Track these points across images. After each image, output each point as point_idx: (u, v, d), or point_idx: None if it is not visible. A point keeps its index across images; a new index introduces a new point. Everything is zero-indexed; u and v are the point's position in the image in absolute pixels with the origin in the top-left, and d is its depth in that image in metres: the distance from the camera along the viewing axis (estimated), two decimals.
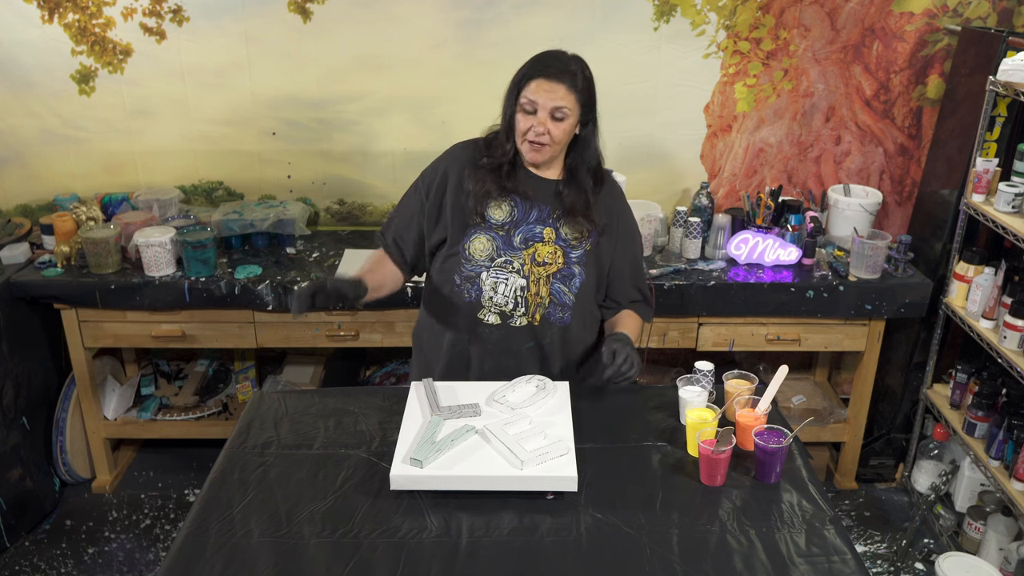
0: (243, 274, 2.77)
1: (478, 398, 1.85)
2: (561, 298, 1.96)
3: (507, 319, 1.94)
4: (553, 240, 1.94)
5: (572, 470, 1.61)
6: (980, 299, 2.62)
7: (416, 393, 1.87)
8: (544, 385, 1.86)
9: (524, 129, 1.87)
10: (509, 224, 1.94)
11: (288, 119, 3.10)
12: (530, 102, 1.84)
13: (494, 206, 1.94)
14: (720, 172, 3.19)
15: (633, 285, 2.08)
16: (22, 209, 3.22)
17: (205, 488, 1.68)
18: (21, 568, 2.71)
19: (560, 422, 1.76)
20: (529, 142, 1.88)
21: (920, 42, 2.97)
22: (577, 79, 1.86)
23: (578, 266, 1.96)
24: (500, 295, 1.93)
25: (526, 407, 1.80)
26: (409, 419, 1.79)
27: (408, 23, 2.95)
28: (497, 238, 1.93)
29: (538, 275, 1.93)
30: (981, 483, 2.80)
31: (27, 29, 2.94)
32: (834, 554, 1.49)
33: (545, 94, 1.83)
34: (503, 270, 1.93)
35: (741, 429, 1.75)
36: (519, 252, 1.93)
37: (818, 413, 3.11)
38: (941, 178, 2.91)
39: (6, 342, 2.75)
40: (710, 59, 3.01)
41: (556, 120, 1.85)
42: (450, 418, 1.77)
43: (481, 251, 1.93)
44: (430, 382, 1.89)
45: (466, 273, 1.94)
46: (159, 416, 3.11)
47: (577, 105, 1.87)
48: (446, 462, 1.65)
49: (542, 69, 1.85)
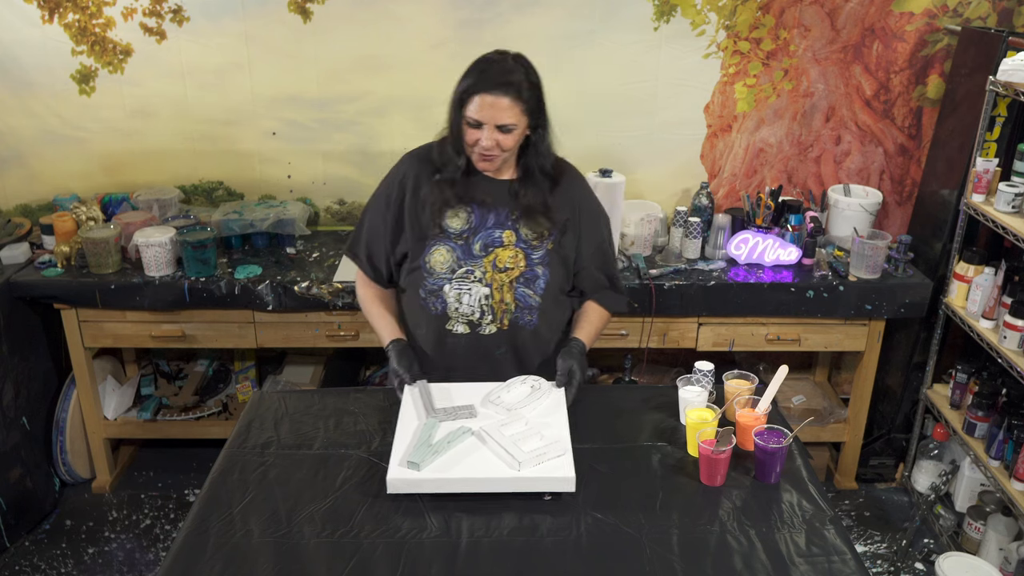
0: (243, 274, 2.77)
1: (473, 399, 1.83)
2: (527, 301, 1.94)
3: (476, 327, 1.94)
4: (513, 243, 1.92)
5: (570, 471, 1.61)
6: (980, 299, 2.62)
7: (411, 395, 1.86)
8: (539, 385, 1.85)
9: (471, 142, 1.84)
10: (468, 232, 1.91)
11: (288, 119, 3.10)
12: (474, 119, 1.80)
13: (451, 215, 1.91)
14: (720, 172, 3.19)
15: (601, 271, 2.05)
16: (22, 209, 3.22)
17: (205, 488, 1.68)
18: (21, 568, 2.71)
19: (556, 423, 1.75)
20: (478, 153, 1.85)
21: (920, 42, 2.97)
22: (521, 88, 1.80)
23: (541, 267, 1.93)
24: (465, 305, 1.92)
25: (521, 408, 1.79)
26: (404, 421, 1.77)
27: (408, 23, 2.95)
28: (456, 248, 1.91)
29: (500, 282, 1.91)
30: (981, 483, 2.80)
31: (27, 29, 2.94)
32: (834, 554, 1.49)
33: (488, 110, 1.78)
34: (465, 281, 1.91)
35: (741, 429, 1.75)
36: (479, 260, 1.91)
37: (818, 413, 3.11)
38: (941, 178, 2.91)
39: (6, 342, 2.75)
40: (710, 59, 3.01)
41: (504, 132, 1.81)
42: (446, 420, 1.76)
43: (441, 263, 1.91)
44: (424, 384, 1.87)
45: (429, 287, 1.93)
46: (159, 416, 3.11)
47: (523, 115, 1.82)
48: (443, 465, 1.64)
49: (483, 83, 1.79)
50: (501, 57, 1.83)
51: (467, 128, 1.83)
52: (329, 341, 2.87)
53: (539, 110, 1.87)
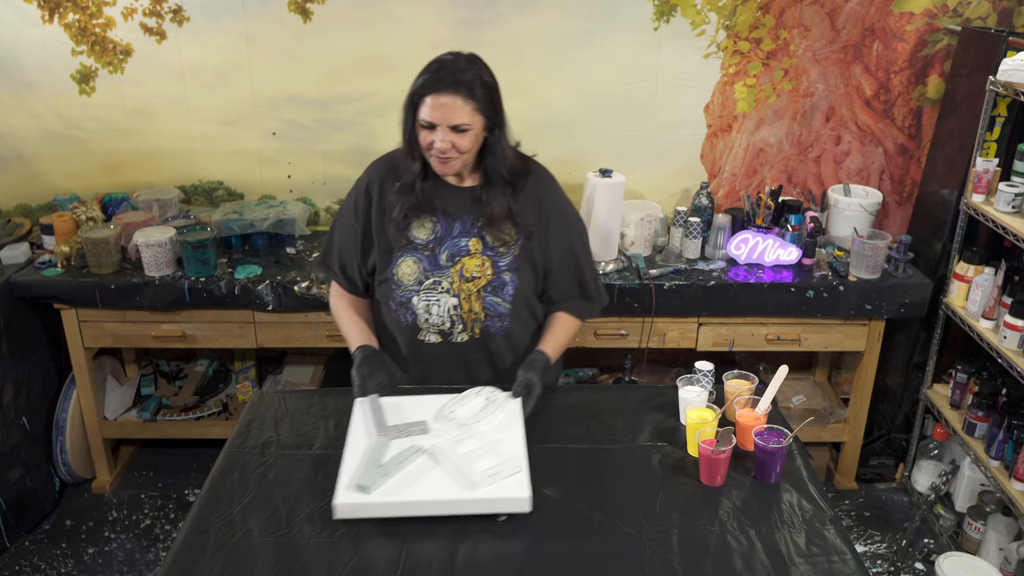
0: (243, 274, 2.77)
1: (426, 414, 1.77)
2: (496, 309, 1.92)
3: (448, 336, 1.94)
4: (480, 251, 1.89)
5: (525, 490, 1.54)
6: (980, 299, 2.62)
7: (360, 411, 1.78)
8: (494, 397, 1.79)
9: (426, 145, 1.79)
10: (434, 242, 1.89)
11: (288, 119, 3.10)
12: (427, 121, 1.76)
13: (416, 225, 1.89)
14: (720, 172, 3.19)
15: (573, 278, 2.00)
16: (22, 209, 3.22)
17: (205, 488, 1.68)
18: (21, 568, 2.71)
19: (512, 438, 1.69)
20: (435, 156, 1.80)
21: (920, 42, 2.97)
22: (474, 88, 1.75)
23: (508, 273, 1.90)
24: (435, 316, 1.91)
25: (476, 422, 1.73)
26: (353, 440, 1.70)
27: (408, 23, 2.95)
28: (423, 259, 1.89)
29: (468, 291, 1.90)
30: (981, 483, 2.80)
31: (27, 29, 2.94)
32: (834, 554, 1.49)
33: (441, 110, 1.74)
34: (433, 292, 1.90)
35: (741, 429, 1.75)
36: (446, 270, 1.89)
37: (818, 413, 3.11)
38: (941, 178, 2.91)
39: (6, 342, 2.75)
40: (710, 59, 3.01)
41: (459, 132, 1.76)
42: (397, 437, 1.69)
43: (409, 275, 1.90)
44: (375, 398, 1.81)
45: (399, 299, 1.92)
46: (159, 416, 3.11)
47: (478, 114, 1.77)
48: (394, 487, 1.57)
49: (435, 83, 1.75)
50: (454, 57, 1.79)
51: (421, 131, 1.78)
52: (329, 341, 2.87)
53: (494, 110, 1.81)
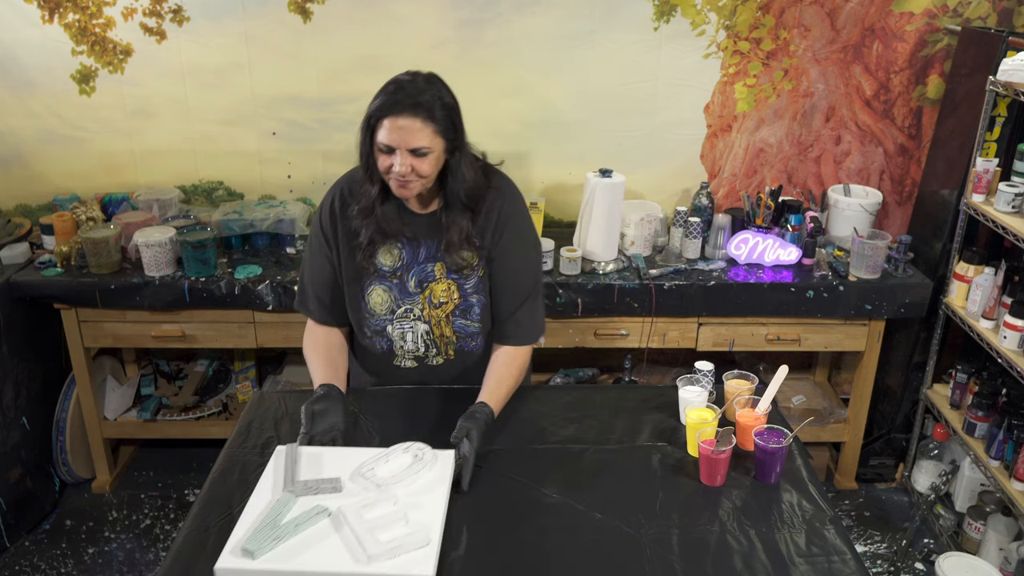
0: (243, 274, 2.77)
1: (344, 470, 1.60)
2: (467, 331, 1.92)
3: (423, 360, 1.94)
4: (445, 275, 1.87)
5: (428, 567, 1.39)
6: (980, 299, 2.62)
7: (275, 461, 1.65)
8: (423, 455, 1.63)
9: (385, 169, 1.72)
10: (401, 268, 1.86)
11: (288, 119, 3.10)
12: (386, 145, 1.68)
13: (382, 253, 1.86)
14: (720, 172, 3.19)
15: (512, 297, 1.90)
16: (22, 209, 3.22)
17: (205, 488, 1.68)
18: (21, 568, 2.71)
19: (431, 504, 1.53)
20: (394, 180, 1.73)
21: (920, 42, 2.97)
22: (434, 109, 1.68)
23: (475, 295, 1.89)
24: (410, 343, 1.91)
25: (396, 483, 1.57)
26: (260, 493, 1.57)
27: (408, 23, 2.95)
28: (393, 287, 1.87)
29: (437, 317, 1.89)
30: (981, 483, 2.80)
31: (27, 29, 2.94)
32: (834, 554, 1.49)
33: (399, 133, 1.66)
34: (406, 319, 1.89)
35: (741, 429, 1.75)
36: (416, 297, 1.87)
37: (818, 413, 3.11)
38: (941, 178, 2.91)
39: (6, 342, 2.75)
40: (710, 59, 3.01)
41: (419, 156, 1.69)
42: (305, 494, 1.55)
43: (380, 304, 1.88)
44: (294, 447, 1.66)
45: (373, 327, 1.92)
46: (159, 416, 3.11)
47: (438, 137, 1.69)
48: (284, 553, 1.42)
49: (392, 105, 1.67)
50: (412, 78, 1.72)
51: (379, 154, 1.71)
52: None
53: (455, 132, 1.74)
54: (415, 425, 1.85)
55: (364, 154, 1.75)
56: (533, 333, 1.94)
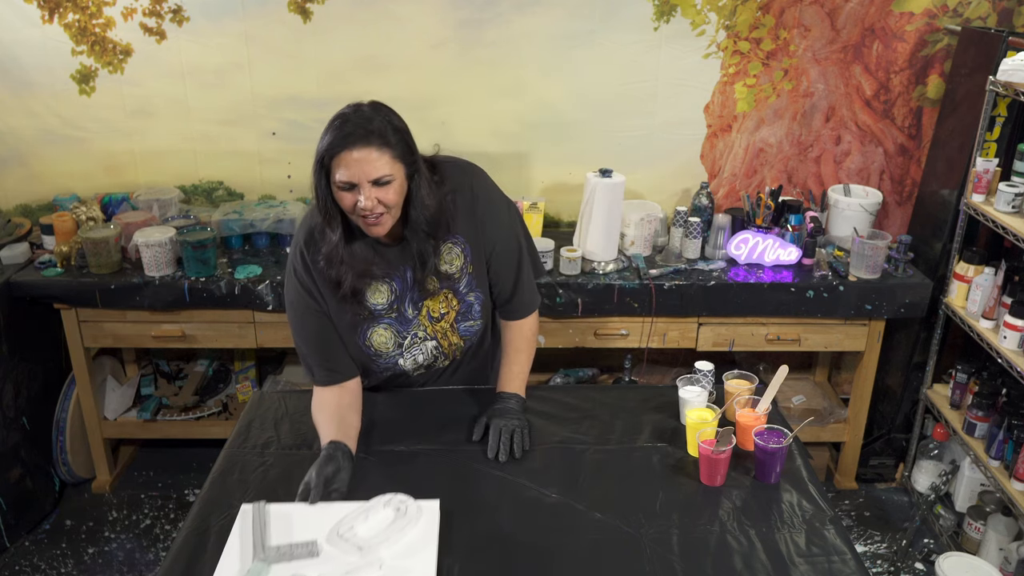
0: (243, 274, 2.77)
1: (319, 531, 1.46)
2: (472, 331, 1.90)
3: (432, 366, 1.94)
4: (439, 287, 1.81)
5: None
6: (980, 299, 2.62)
7: (241, 522, 1.50)
8: (405, 509, 1.49)
9: (350, 207, 1.61)
10: (395, 302, 1.80)
11: (288, 119, 3.10)
12: (345, 181, 1.58)
13: (371, 293, 1.78)
14: (720, 172, 3.19)
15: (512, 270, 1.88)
16: (22, 209, 3.22)
17: (205, 488, 1.68)
18: (21, 568, 2.71)
19: (420, 567, 1.39)
20: (362, 218, 1.63)
21: (920, 42, 2.97)
22: (387, 135, 1.59)
23: (471, 294, 1.85)
24: (422, 360, 1.89)
25: (379, 543, 1.44)
26: (228, 559, 1.42)
27: (408, 23, 2.95)
28: (392, 323, 1.82)
29: (443, 330, 1.86)
30: (981, 483, 2.80)
31: (27, 29, 2.94)
32: (834, 554, 1.49)
33: (357, 166, 1.57)
34: (414, 346, 1.86)
35: (741, 429, 1.75)
36: (415, 321, 1.83)
37: (818, 413, 3.11)
38: (941, 178, 2.91)
39: (6, 342, 2.75)
40: (710, 59, 3.01)
41: (382, 186, 1.60)
42: (279, 561, 1.41)
43: (384, 343, 1.83)
44: (262, 506, 1.52)
45: (383, 365, 1.87)
46: (159, 416, 3.11)
47: (397, 162, 1.61)
48: None
49: (343, 140, 1.57)
50: (355, 108, 1.62)
51: (341, 194, 1.60)
52: None
53: (412, 155, 1.66)
54: (419, 425, 1.85)
55: (321, 197, 1.64)
56: (534, 299, 1.96)
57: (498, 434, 1.76)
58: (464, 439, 1.81)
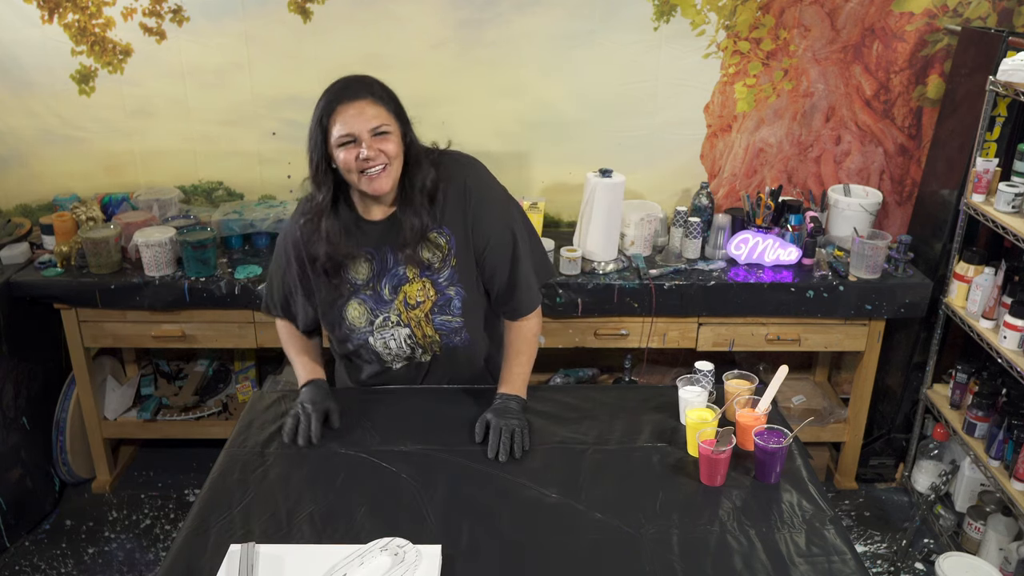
0: (243, 274, 2.77)
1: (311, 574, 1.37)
2: (448, 327, 1.89)
3: (411, 359, 1.94)
4: (418, 275, 1.84)
5: None
6: (980, 299, 2.62)
7: (228, 565, 1.41)
8: (403, 555, 1.40)
9: (352, 162, 1.68)
10: (373, 279, 1.84)
11: (288, 119, 3.10)
12: (345, 134, 1.67)
13: (352, 268, 1.84)
14: (720, 172, 3.20)
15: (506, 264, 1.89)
16: (22, 209, 3.22)
17: (205, 488, 1.68)
18: (21, 568, 2.71)
19: None
20: (365, 173, 1.69)
21: (920, 42, 2.97)
22: (375, 89, 1.71)
23: (452, 287, 1.85)
24: (395, 348, 1.91)
25: None
26: None
27: (408, 23, 2.95)
28: (367, 299, 1.85)
29: (416, 318, 1.87)
30: (981, 483, 2.80)
31: (27, 29, 2.94)
32: (834, 554, 1.49)
33: (358, 118, 1.67)
34: (385, 328, 1.88)
35: (741, 429, 1.75)
36: (391, 304, 1.85)
37: (818, 413, 3.11)
38: (941, 178, 2.91)
39: (6, 342, 2.75)
40: (710, 59, 3.01)
41: (381, 135, 1.69)
42: None
43: (358, 318, 1.87)
44: (251, 547, 1.43)
45: (356, 341, 1.91)
46: (159, 416, 3.11)
47: (391, 116, 1.71)
48: None
49: (340, 96, 1.68)
50: (346, 77, 1.75)
51: (341, 151, 1.68)
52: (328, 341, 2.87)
53: (403, 116, 1.76)
54: (415, 425, 1.85)
55: (315, 160, 1.72)
56: (533, 298, 1.94)
57: (498, 434, 1.76)
58: (464, 439, 1.81)
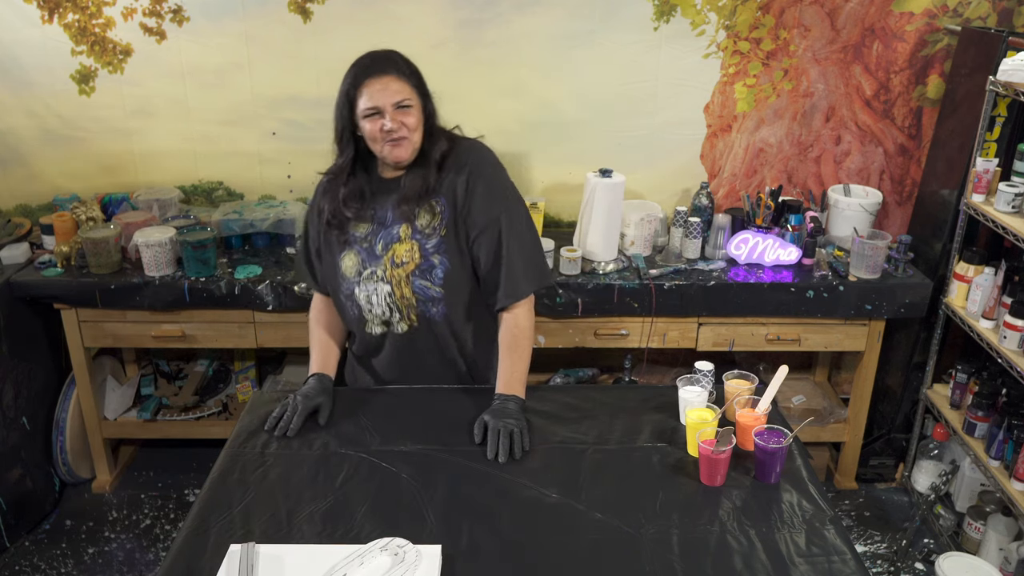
0: (243, 274, 2.77)
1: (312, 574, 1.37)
2: (426, 293, 1.91)
3: (390, 326, 1.96)
4: (409, 236, 1.90)
5: None
6: (980, 299, 2.62)
7: (228, 565, 1.41)
8: (403, 555, 1.40)
9: (375, 135, 1.81)
10: (371, 234, 1.92)
11: (288, 119, 3.10)
12: (370, 107, 1.79)
13: (355, 225, 1.94)
14: (720, 172, 3.20)
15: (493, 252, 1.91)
16: (22, 209, 3.22)
17: (205, 488, 1.68)
18: (21, 568, 2.71)
19: None
20: (388, 143, 1.82)
21: (920, 42, 2.97)
22: (400, 65, 1.83)
23: (437, 255, 1.89)
24: (376, 305, 1.93)
25: None
26: None
27: (408, 23, 2.95)
28: (362, 251, 1.93)
29: (398, 277, 1.90)
30: (981, 483, 2.80)
31: (27, 29, 2.94)
32: (834, 554, 1.49)
33: (382, 92, 1.79)
34: (370, 281, 1.92)
35: (741, 429, 1.74)
36: (380, 259, 1.91)
37: (818, 413, 3.11)
38: (941, 178, 2.91)
39: (6, 342, 2.75)
40: (710, 59, 3.01)
41: (403, 109, 1.81)
42: None
43: (351, 267, 1.94)
44: (251, 547, 1.44)
45: (345, 291, 1.96)
46: (159, 416, 3.11)
47: (414, 92, 1.83)
48: None
49: (366, 71, 1.81)
50: (372, 52, 1.86)
51: (366, 123, 1.81)
52: None
53: (426, 92, 1.88)
54: (415, 425, 1.85)
55: (339, 129, 1.87)
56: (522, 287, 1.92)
57: (496, 435, 1.76)
58: (464, 439, 1.81)
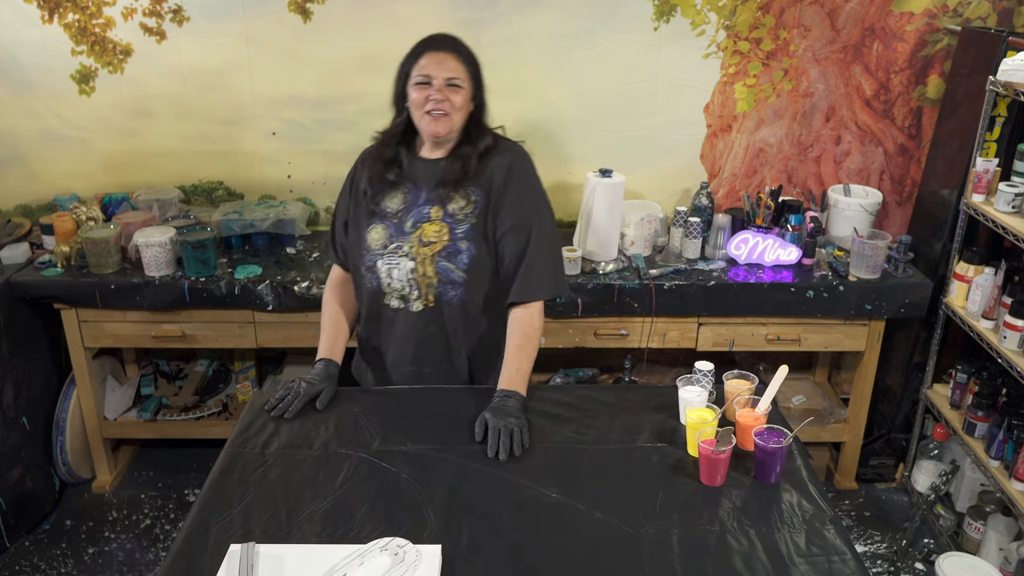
0: (243, 274, 2.77)
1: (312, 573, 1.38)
2: (449, 275, 1.93)
3: (407, 303, 1.97)
4: (440, 218, 1.94)
5: None
6: (980, 299, 2.62)
7: (228, 564, 1.41)
8: (403, 555, 1.40)
9: (421, 101, 1.87)
10: (402, 211, 1.97)
11: (288, 119, 3.10)
12: (423, 75, 1.86)
13: (389, 198, 1.98)
14: (720, 172, 3.20)
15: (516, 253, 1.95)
16: (22, 209, 3.22)
17: (205, 488, 1.68)
18: (21, 568, 2.71)
19: None
20: (429, 114, 1.87)
21: (920, 42, 2.97)
22: (460, 48, 1.91)
23: (465, 241, 1.93)
24: (396, 280, 1.95)
25: None
26: None
27: (408, 23, 2.95)
28: (391, 226, 1.96)
29: (424, 256, 1.93)
30: (981, 483, 2.80)
31: (27, 29, 2.94)
32: (834, 554, 1.49)
33: (436, 66, 1.86)
34: (394, 255, 1.95)
35: (741, 429, 1.74)
36: (408, 236, 1.94)
37: (818, 413, 3.11)
38: (941, 178, 2.91)
39: (6, 342, 2.75)
40: (710, 59, 3.01)
41: (452, 87, 1.87)
42: None
43: (376, 240, 1.97)
44: (251, 547, 1.44)
45: (367, 263, 1.98)
46: (159, 416, 3.11)
47: (468, 77, 1.90)
48: None
49: (429, 44, 1.90)
50: (443, 33, 1.94)
51: (415, 90, 1.87)
52: None
53: (480, 82, 1.94)
54: (415, 425, 1.85)
55: (395, 95, 1.95)
56: (539, 288, 1.96)
57: (497, 433, 1.76)
58: (464, 439, 1.81)
